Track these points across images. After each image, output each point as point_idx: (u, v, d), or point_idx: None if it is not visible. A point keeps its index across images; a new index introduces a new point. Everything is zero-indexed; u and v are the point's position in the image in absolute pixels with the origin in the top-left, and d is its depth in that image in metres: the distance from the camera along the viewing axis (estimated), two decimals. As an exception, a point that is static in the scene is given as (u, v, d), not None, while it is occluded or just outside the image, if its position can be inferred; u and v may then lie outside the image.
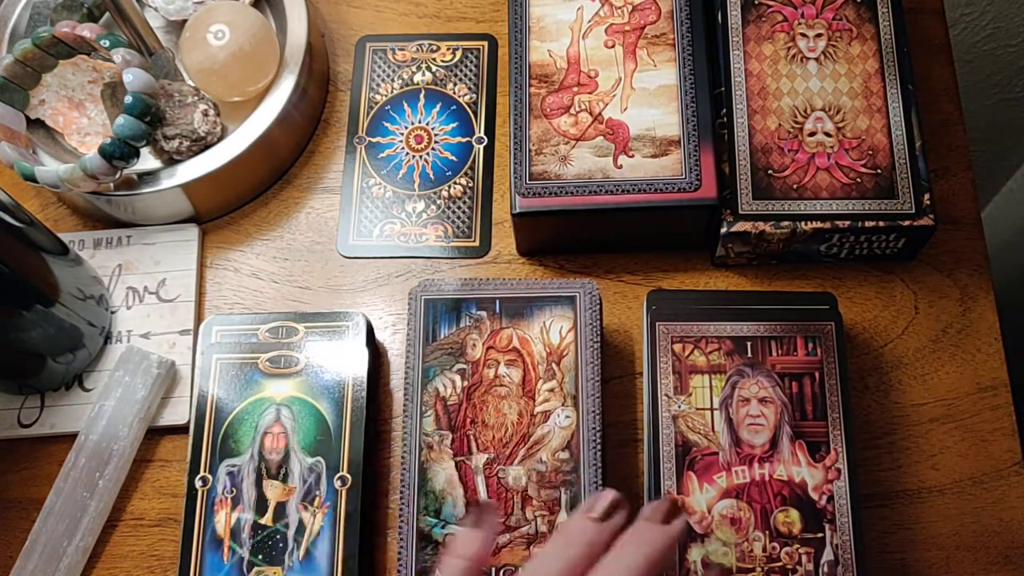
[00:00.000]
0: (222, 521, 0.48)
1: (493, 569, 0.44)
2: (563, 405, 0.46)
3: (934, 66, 0.58)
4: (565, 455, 0.45)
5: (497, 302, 0.48)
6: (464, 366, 0.47)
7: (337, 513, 0.48)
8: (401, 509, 0.45)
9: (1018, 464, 0.50)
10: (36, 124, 0.57)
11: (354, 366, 0.50)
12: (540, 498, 0.45)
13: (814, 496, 0.45)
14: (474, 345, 0.47)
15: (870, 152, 0.51)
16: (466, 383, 0.47)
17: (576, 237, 0.54)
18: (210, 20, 0.54)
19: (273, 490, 0.48)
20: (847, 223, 0.50)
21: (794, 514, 0.45)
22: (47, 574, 0.49)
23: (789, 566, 0.44)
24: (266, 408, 0.50)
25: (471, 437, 0.46)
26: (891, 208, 0.50)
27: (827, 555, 0.44)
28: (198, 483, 0.49)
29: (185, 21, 0.57)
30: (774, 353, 0.47)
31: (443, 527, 0.44)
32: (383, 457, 0.52)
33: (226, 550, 0.48)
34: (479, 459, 0.46)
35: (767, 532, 0.44)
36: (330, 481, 0.48)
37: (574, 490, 0.45)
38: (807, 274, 0.54)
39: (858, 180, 0.51)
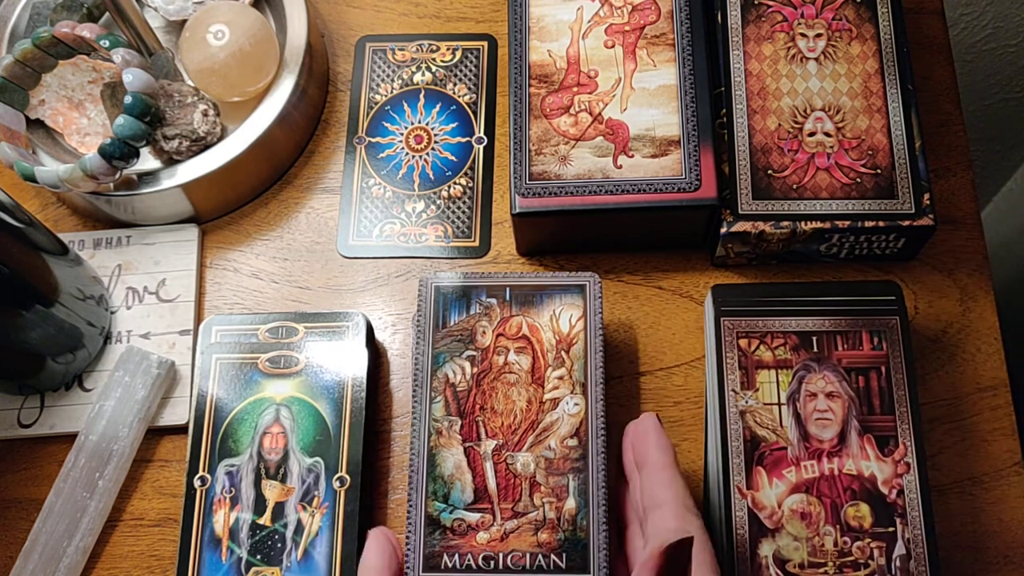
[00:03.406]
0: (220, 521, 0.48)
1: (501, 555, 0.44)
2: (572, 393, 0.46)
3: (934, 66, 0.58)
4: (573, 442, 0.45)
5: (507, 290, 0.48)
6: (474, 353, 0.47)
7: (336, 514, 0.48)
8: (409, 494, 0.45)
9: (1018, 464, 0.50)
10: (36, 124, 0.57)
11: (354, 366, 0.50)
12: (548, 485, 0.45)
13: (884, 490, 0.45)
14: (484, 332, 0.48)
15: (870, 152, 0.51)
16: (475, 370, 0.47)
17: (576, 237, 0.54)
18: (210, 20, 0.54)
19: (272, 490, 0.48)
20: (847, 223, 0.50)
21: (864, 508, 0.44)
22: (47, 574, 0.49)
23: (861, 560, 0.44)
24: (265, 408, 0.50)
25: (480, 423, 0.46)
26: (891, 208, 0.50)
27: (899, 549, 0.44)
28: (197, 483, 0.49)
29: (185, 21, 0.57)
30: (840, 347, 0.47)
31: (451, 512, 0.45)
32: (382, 457, 0.52)
33: (224, 550, 0.48)
34: (488, 445, 0.46)
35: (838, 526, 0.44)
36: (329, 482, 0.48)
37: (582, 477, 0.45)
38: (807, 274, 0.54)
39: (858, 180, 0.51)
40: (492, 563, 0.44)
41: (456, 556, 0.44)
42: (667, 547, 0.37)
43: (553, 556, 0.44)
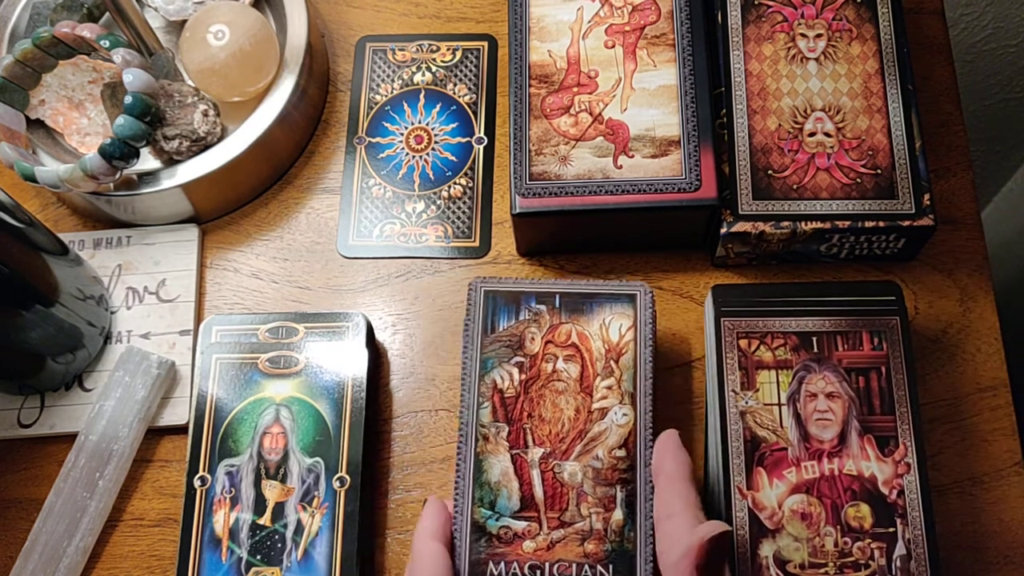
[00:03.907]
0: (220, 521, 0.48)
1: (547, 565, 0.44)
2: (621, 403, 0.46)
3: (934, 66, 0.58)
4: (622, 453, 0.45)
5: (557, 297, 0.48)
6: (522, 359, 0.47)
7: (336, 514, 0.48)
8: (456, 500, 0.44)
9: (1018, 464, 0.50)
10: (36, 124, 0.57)
11: (354, 366, 0.50)
12: (595, 495, 0.44)
13: (884, 491, 0.45)
14: (533, 339, 0.47)
15: (870, 152, 0.51)
16: (524, 376, 0.46)
17: (576, 237, 0.54)
18: (210, 20, 0.54)
19: (272, 490, 0.48)
20: (847, 223, 0.50)
21: (865, 509, 0.44)
22: (47, 574, 0.49)
23: (862, 561, 0.44)
24: (265, 408, 0.50)
25: (527, 430, 0.46)
26: (891, 208, 0.50)
27: (899, 550, 0.44)
28: (197, 483, 0.49)
29: (185, 21, 0.57)
30: (840, 348, 0.47)
31: (497, 519, 0.44)
32: (382, 457, 0.52)
33: (224, 550, 0.48)
34: (535, 453, 0.45)
35: (838, 527, 0.44)
36: (329, 482, 0.48)
37: (630, 488, 0.44)
38: (807, 275, 0.54)
39: (858, 180, 0.51)
40: (538, 572, 0.43)
41: (502, 564, 0.43)
42: (709, 539, 0.37)
43: (599, 567, 0.43)
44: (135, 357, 0.52)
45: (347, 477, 0.48)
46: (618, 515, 0.44)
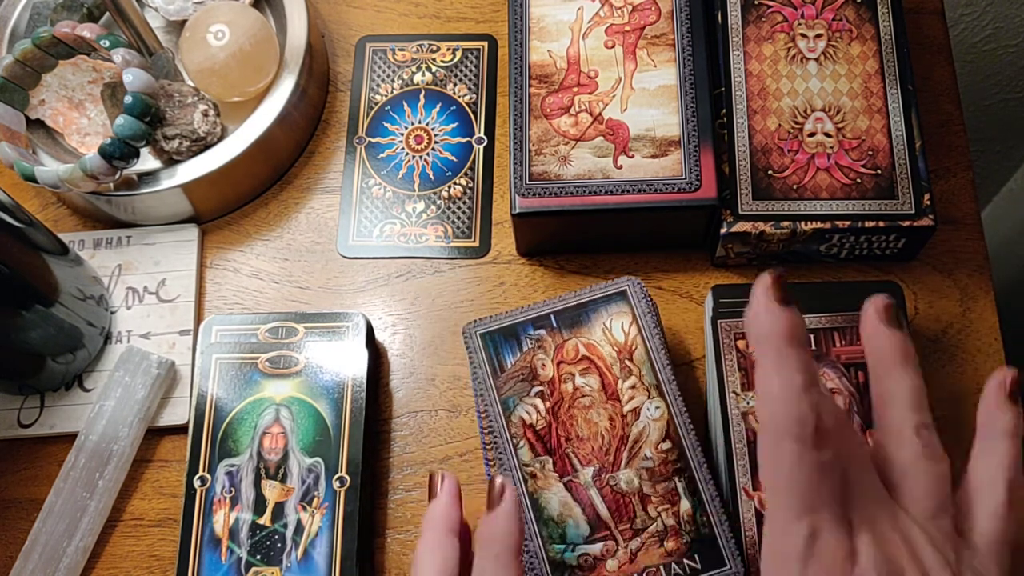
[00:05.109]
0: (220, 521, 0.48)
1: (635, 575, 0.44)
2: (649, 398, 0.46)
3: (934, 66, 0.58)
4: (667, 445, 0.45)
5: (552, 317, 0.48)
6: (541, 388, 0.47)
7: (335, 514, 0.48)
8: (525, 544, 0.44)
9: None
10: (36, 124, 0.57)
11: (354, 366, 0.50)
12: (657, 493, 0.44)
13: None
14: (544, 365, 0.47)
15: (870, 152, 0.51)
16: (548, 404, 0.46)
17: (576, 237, 0.54)
18: (210, 20, 0.54)
19: (272, 490, 0.48)
20: (847, 223, 0.50)
21: None
22: (47, 574, 0.49)
23: None
24: (265, 408, 0.50)
25: (571, 455, 0.45)
26: (891, 208, 0.50)
27: None
28: (196, 483, 0.49)
29: (185, 21, 0.57)
30: (837, 344, 0.47)
31: (573, 550, 0.44)
32: (382, 457, 0.52)
33: (224, 550, 0.48)
34: (586, 473, 0.45)
35: None
36: (329, 482, 0.48)
37: (687, 475, 0.45)
38: (807, 275, 0.54)
39: (858, 180, 0.51)
40: None
41: None
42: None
43: (686, 561, 0.43)
44: (135, 357, 0.52)
45: (347, 477, 0.48)
46: (685, 505, 0.44)
